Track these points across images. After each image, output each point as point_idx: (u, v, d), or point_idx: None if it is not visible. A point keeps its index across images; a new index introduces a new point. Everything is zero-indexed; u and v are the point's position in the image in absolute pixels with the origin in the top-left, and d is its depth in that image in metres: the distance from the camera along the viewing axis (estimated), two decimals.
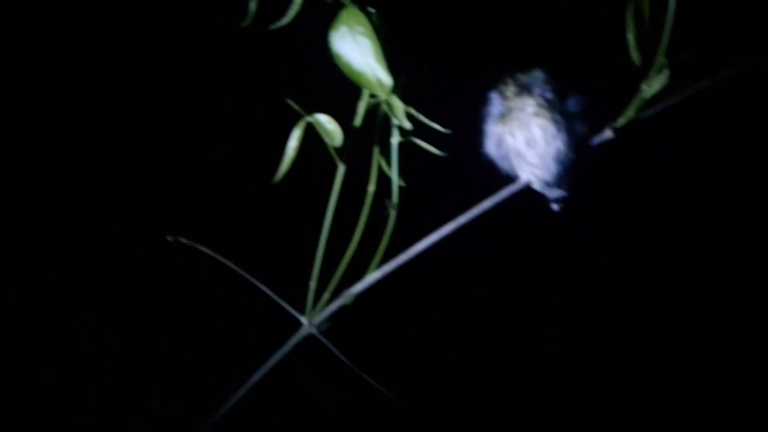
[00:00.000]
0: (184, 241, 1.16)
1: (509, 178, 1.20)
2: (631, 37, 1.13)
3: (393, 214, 1.16)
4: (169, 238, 1.16)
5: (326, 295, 1.18)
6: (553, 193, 1.22)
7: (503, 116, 1.17)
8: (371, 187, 1.15)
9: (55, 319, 1.34)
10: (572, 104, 1.18)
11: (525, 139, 1.15)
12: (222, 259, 1.16)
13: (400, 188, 1.16)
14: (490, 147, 1.19)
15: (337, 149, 1.10)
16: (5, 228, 1.39)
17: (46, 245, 1.39)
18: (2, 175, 1.40)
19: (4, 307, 1.37)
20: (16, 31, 1.38)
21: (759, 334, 1.50)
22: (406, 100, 1.10)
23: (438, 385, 1.49)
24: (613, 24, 1.15)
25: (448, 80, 1.38)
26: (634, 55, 1.13)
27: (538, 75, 1.17)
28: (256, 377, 1.19)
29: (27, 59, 1.40)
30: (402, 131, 1.14)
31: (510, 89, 1.16)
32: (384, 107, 1.12)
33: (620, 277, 1.48)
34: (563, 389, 1.47)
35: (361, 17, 1.06)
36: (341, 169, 1.13)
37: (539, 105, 1.15)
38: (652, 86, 1.15)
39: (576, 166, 1.18)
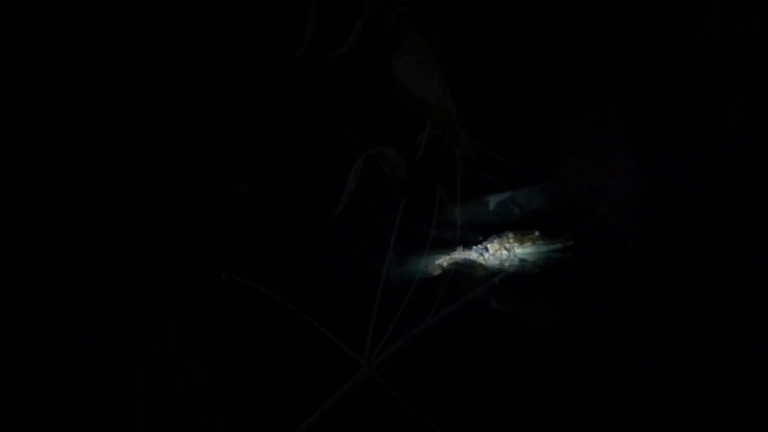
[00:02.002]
0: (239, 279, 1.14)
1: (583, 215, 1.16)
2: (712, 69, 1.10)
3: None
4: (224, 277, 1.14)
5: (386, 336, 1.15)
6: (629, 230, 1.18)
7: (579, 149, 1.14)
8: (433, 232, 1.12)
9: (107, 363, 1.34)
10: (651, 138, 1.15)
11: (602, 174, 1.13)
12: (278, 298, 1.13)
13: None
14: (563, 181, 1.17)
15: (398, 183, 1.07)
16: (67, 261, 1.40)
17: (99, 282, 1.39)
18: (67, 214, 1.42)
19: (65, 337, 1.38)
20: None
21: None
22: (471, 131, 1.07)
23: (499, 429, 1.44)
24: (693, 55, 1.12)
25: (519, 111, 1.35)
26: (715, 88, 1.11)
27: (615, 108, 1.14)
28: (312, 419, 1.16)
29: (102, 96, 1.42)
30: (466, 163, 1.10)
31: (586, 121, 1.14)
32: (448, 138, 1.08)
33: (698, 318, 1.42)
34: None
35: (425, 44, 1.03)
36: (403, 203, 1.10)
37: (617, 138, 1.12)
38: (733, 119, 1.13)
39: (654, 202, 1.15)
